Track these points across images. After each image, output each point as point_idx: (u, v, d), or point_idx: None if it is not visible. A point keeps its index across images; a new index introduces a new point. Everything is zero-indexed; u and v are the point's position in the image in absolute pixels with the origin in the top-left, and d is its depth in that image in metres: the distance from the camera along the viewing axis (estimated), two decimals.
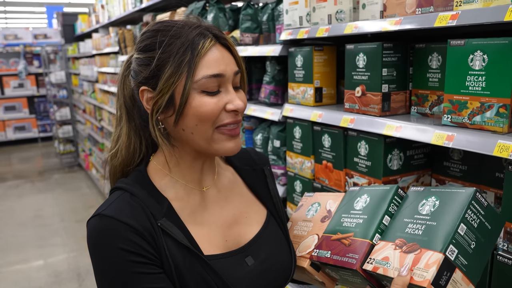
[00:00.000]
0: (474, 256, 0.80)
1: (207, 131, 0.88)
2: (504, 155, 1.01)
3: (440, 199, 0.85)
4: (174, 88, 0.85)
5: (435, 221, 0.82)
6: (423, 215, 0.86)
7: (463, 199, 0.82)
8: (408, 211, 0.90)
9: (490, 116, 1.10)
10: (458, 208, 0.81)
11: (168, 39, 0.86)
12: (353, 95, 1.49)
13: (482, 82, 1.11)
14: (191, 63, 0.85)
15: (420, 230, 0.83)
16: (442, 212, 0.83)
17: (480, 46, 1.10)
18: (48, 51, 8.05)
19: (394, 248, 0.85)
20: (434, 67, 1.36)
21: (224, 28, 2.33)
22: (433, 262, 0.76)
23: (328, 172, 1.65)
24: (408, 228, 0.86)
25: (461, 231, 0.79)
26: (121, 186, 0.91)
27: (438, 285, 0.75)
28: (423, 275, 0.76)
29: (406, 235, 0.85)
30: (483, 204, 0.82)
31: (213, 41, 0.88)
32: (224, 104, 0.88)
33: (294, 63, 1.76)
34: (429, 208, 0.86)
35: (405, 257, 0.81)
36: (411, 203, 0.91)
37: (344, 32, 1.45)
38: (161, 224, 0.86)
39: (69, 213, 5.38)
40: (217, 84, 0.88)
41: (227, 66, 0.89)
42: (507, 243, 1.07)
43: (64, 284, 3.70)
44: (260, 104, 2.07)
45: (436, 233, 0.80)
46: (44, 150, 9.21)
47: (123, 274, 0.82)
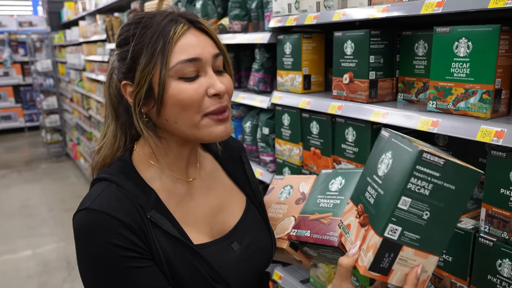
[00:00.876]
0: (429, 226, 0.69)
1: (192, 118, 0.86)
2: (486, 140, 1.03)
3: (393, 156, 0.72)
4: (151, 78, 0.84)
5: (383, 190, 0.71)
6: (378, 177, 0.75)
7: (407, 163, 0.67)
8: (371, 165, 0.79)
9: (474, 102, 1.12)
10: (399, 177, 0.68)
11: (139, 30, 0.85)
12: (341, 82, 1.50)
13: (466, 68, 1.13)
14: (164, 50, 0.83)
15: (373, 198, 0.74)
16: (391, 177, 0.71)
17: (464, 33, 1.12)
18: (34, 39, 7.91)
19: (355, 215, 0.80)
20: (420, 54, 1.38)
21: (213, 16, 2.32)
22: (371, 245, 0.70)
23: (316, 158, 1.67)
24: (367, 192, 0.77)
25: (404, 205, 0.68)
26: (106, 177, 0.89)
27: (379, 268, 0.70)
28: (363, 259, 0.72)
29: (364, 201, 0.77)
30: (437, 164, 0.66)
31: (186, 25, 0.86)
32: (205, 89, 0.86)
33: (283, 51, 1.77)
34: (384, 168, 0.74)
35: (360, 230, 0.76)
36: (375, 153, 0.80)
37: (332, 19, 1.46)
38: (150, 216, 0.85)
39: (57, 202, 5.35)
40: (194, 69, 0.85)
41: (203, 49, 0.86)
42: (489, 225, 1.10)
43: (53, 273, 3.69)
44: (249, 91, 2.08)
45: (381, 207, 0.70)
46: (31, 139, 9.10)
47: (115, 269, 0.81)
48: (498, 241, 1.07)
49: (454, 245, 1.17)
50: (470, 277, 1.15)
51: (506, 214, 1.05)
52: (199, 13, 2.33)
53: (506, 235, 1.06)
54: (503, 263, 1.06)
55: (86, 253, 0.82)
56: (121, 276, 0.81)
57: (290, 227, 1.07)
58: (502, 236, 1.07)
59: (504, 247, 1.06)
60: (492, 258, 1.08)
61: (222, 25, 2.25)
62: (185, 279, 0.87)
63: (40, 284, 3.53)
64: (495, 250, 1.07)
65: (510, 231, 1.05)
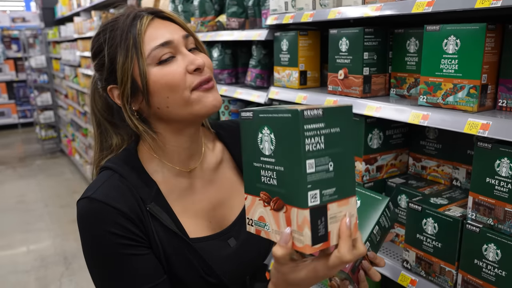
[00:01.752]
0: (337, 174, 0.69)
1: (181, 97, 0.88)
2: (473, 132, 1.10)
3: (273, 130, 0.69)
4: (132, 73, 0.88)
5: (282, 165, 0.69)
6: (267, 157, 0.71)
7: (293, 128, 0.65)
8: (250, 150, 0.74)
9: (462, 96, 1.19)
10: (293, 144, 0.66)
11: (108, 34, 0.90)
12: (336, 78, 1.56)
13: (455, 65, 1.19)
14: (136, 42, 0.87)
15: (274, 179, 0.71)
16: (282, 150, 0.68)
17: (453, 31, 1.18)
18: (27, 35, 7.87)
19: (263, 204, 0.74)
20: (412, 51, 1.44)
21: (210, 13, 2.37)
22: (302, 222, 0.66)
23: None
24: (263, 176, 0.73)
25: (310, 168, 0.65)
26: (111, 167, 0.93)
27: (319, 238, 0.67)
28: (300, 240, 0.68)
29: (265, 186, 0.73)
30: (318, 116, 0.66)
31: (149, 17, 0.91)
32: (185, 67, 0.89)
33: (279, 47, 1.82)
34: (269, 145, 0.70)
35: (278, 216, 0.71)
36: (247, 137, 0.74)
37: (328, 17, 1.52)
38: (150, 208, 0.90)
39: (53, 198, 5.36)
40: (169, 52, 0.89)
41: (172, 33, 0.91)
42: (475, 213, 1.17)
43: (51, 267, 3.73)
44: (246, 87, 2.13)
45: (291, 182, 0.67)
46: (25, 136, 9.07)
47: (112, 255, 0.86)
48: (484, 227, 1.14)
49: (443, 232, 1.24)
50: (458, 262, 1.22)
51: (492, 201, 1.12)
52: (197, 10, 2.38)
53: (492, 222, 1.13)
54: (488, 248, 1.13)
55: (88, 239, 0.88)
56: (119, 262, 0.86)
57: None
58: (488, 223, 1.14)
59: (489, 232, 1.13)
60: (478, 243, 1.15)
61: (219, 22, 2.30)
62: (179, 270, 0.92)
63: (38, 279, 3.57)
64: (481, 235, 1.14)
65: (495, 217, 1.12)
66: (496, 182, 1.10)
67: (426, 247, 1.29)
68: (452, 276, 1.23)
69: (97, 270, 0.89)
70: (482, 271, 1.15)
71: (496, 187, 1.10)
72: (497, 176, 1.09)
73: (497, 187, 1.10)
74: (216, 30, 2.31)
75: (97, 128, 1.03)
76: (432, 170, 1.54)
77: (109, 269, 0.87)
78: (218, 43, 2.32)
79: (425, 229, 1.29)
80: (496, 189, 1.10)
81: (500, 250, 1.10)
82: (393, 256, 1.46)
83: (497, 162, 1.09)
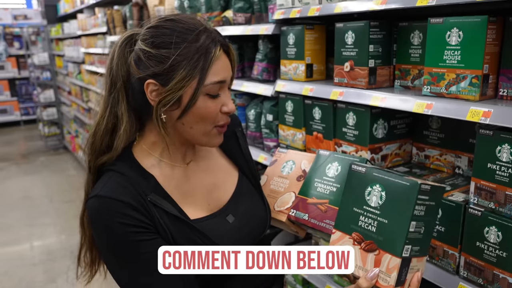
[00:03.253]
0: (424, 238, 0.87)
1: (206, 128, 1.00)
2: (475, 119, 1.15)
3: (386, 189, 0.86)
4: (185, 90, 0.93)
5: (386, 219, 0.85)
6: (372, 207, 0.88)
7: (410, 195, 0.82)
8: (354, 197, 0.91)
9: (464, 86, 1.24)
10: (405, 206, 0.83)
11: (186, 43, 0.93)
12: (342, 70, 1.61)
13: (457, 56, 1.24)
14: (203, 69, 0.94)
15: (373, 227, 0.86)
16: (392, 207, 0.85)
17: (456, 24, 1.23)
18: (29, 32, 7.90)
19: (352, 242, 0.90)
20: (415, 43, 1.49)
21: (217, 8, 2.41)
22: (393, 267, 0.83)
23: (318, 142, 1.79)
24: (361, 221, 0.89)
25: (412, 228, 0.83)
26: (111, 168, 0.99)
27: (400, 282, 0.85)
28: (386, 280, 0.84)
29: (360, 229, 0.89)
30: (427, 190, 0.83)
31: (221, 49, 0.97)
32: (221, 106, 1.00)
33: (286, 41, 1.87)
34: (377, 199, 0.87)
35: (366, 256, 0.87)
36: (354, 186, 0.92)
37: (334, 11, 1.57)
38: (151, 199, 0.96)
39: (57, 194, 5.41)
40: (218, 89, 0.98)
41: (228, 73, 1.00)
42: (477, 197, 1.22)
43: (57, 261, 3.78)
44: (253, 81, 2.18)
45: (390, 233, 0.84)
46: (28, 133, 9.11)
47: (125, 244, 0.93)
48: (486, 211, 1.19)
49: (447, 216, 1.29)
50: (461, 245, 1.27)
51: (493, 186, 1.17)
52: (203, 5, 2.42)
53: (493, 205, 1.18)
54: (490, 230, 1.18)
55: (101, 233, 0.96)
56: (132, 248, 0.93)
57: (290, 202, 1.18)
58: (489, 206, 1.19)
59: (491, 215, 1.18)
60: (480, 226, 1.20)
61: (225, 17, 2.34)
62: None
63: (46, 272, 3.62)
64: (483, 219, 1.20)
65: (496, 201, 1.17)
66: (497, 167, 1.15)
67: None
68: (455, 258, 1.29)
69: (114, 260, 0.97)
70: (484, 253, 1.20)
71: (497, 172, 1.15)
72: (498, 161, 1.15)
73: (498, 172, 1.15)
74: (223, 25, 2.35)
75: (108, 91, 1.00)
76: (435, 159, 1.59)
77: (124, 256, 0.94)
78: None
79: None
80: (497, 174, 1.16)
81: (501, 232, 1.16)
82: None
83: (498, 148, 1.14)
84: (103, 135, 1.01)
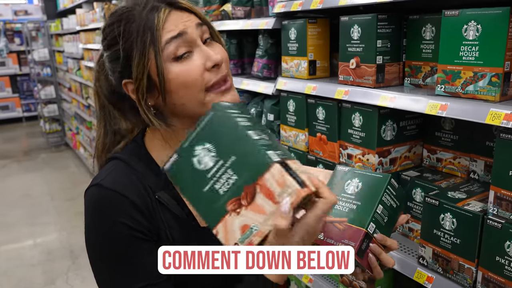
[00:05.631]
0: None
1: (197, 95, 0.87)
2: (496, 123, 1.04)
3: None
4: (148, 70, 0.85)
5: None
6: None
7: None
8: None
9: (483, 85, 1.13)
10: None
11: (123, 27, 0.85)
12: (347, 67, 1.50)
13: (475, 52, 1.13)
14: (154, 40, 0.83)
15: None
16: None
17: (474, 16, 1.12)
18: (30, 28, 7.82)
19: (236, 213, 0.80)
20: (427, 38, 1.38)
21: (215, 2, 2.30)
22: (280, 176, 0.75)
23: (322, 144, 1.68)
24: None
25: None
26: (117, 156, 0.92)
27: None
28: (290, 192, 0.80)
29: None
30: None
31: (167, 9, 0.86)
32: (202, 64, 0.86)
33: (287, 36, 1.76)
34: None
35: (256, 205, 0.76)
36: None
37: (338, 4, 1.45)
38: (158, 196, 0.88)
39: (58, 191, 5.36)
40: (184, 46, 0.85)
41: (186, 23, 0.86)
42: (497, 208, 1.11)
43: (57, 261, 3.72)
44: (253, 78, 2.07)
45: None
46: (29, 129, 9.07)
47: (121, 249, 0.84)
48: (507, 223, 1.09)
49: (462, 227, 1.18)
50: (478, 259, 1.17)
51: None
52: None
53: None
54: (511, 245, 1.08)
55: (95, 229, 0.86)
56: (127, 256, 0.84)
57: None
58: (511, 218, 1.09)
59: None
60: (500, 239, 1.10)
61: (224, 11, 2.23)
62: None
63: (45, 273, 3.56)
64: (503, 232, 1.09)
65: None
66: None
67: (444, 243, 1.24)
68: (471, 273, 1.18)
69: (98, 260, 0.88)
70: (504, 268, 1.10)
71: None
72: None
73: None
74: (221, 19, 2.25)
75: (100, 110, 0.99)
76: (448, 163, 1.48)
77: (115, 262, 0.85)
78: (223, 32, 2.26)
79: (442, 224, 1.23)
80: None
81: None
82: (408, 252, 1.41)
83: None
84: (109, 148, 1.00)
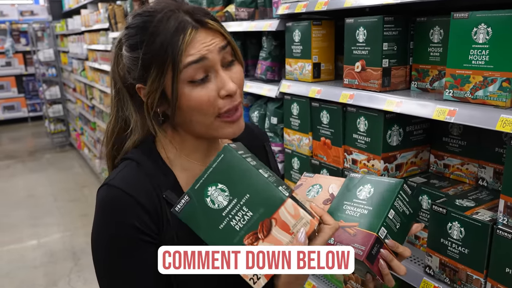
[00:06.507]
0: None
1: (206, 120, 0.87)
2: (507, 130, 1.00)
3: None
4: (164, 86, 0.84)
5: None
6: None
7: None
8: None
9: (493, 90, 1.09)
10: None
11: (147, 37, 0.83)
12: (352, 71, 1.47)
13: (485, 56, 1.09)
14: (174, 61, 0.81)
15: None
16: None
17: (484, 19, 1.08)
18: (35, 28, 7.84)
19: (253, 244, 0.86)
20: (435, 41, 1.34)
21: (218, 3, 2.28)
22: (294, 209, 0.82)
23: (326, 149, 1.64)
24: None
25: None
26: (129, 157, 0.92)
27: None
28: (304, 222, 0.83)
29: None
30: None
31: (193, 30, 0.82)
32: (217, 92, 0.85)
33: (291, 38, 1.73)
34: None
35: (272, 236, 0.83)
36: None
37: (344, 5, 1.42)
38: (166, 196, 0.88)
39: (62, 192, 5.35)
40: (203, 70, 0.83)
41: (209, 47, 0.83)
42: (508, 217, 1.07)
43: (59, 263, 3.71)
44: (256, 80, 2.04)
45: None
46: (35, 129, 9.10)
47: (127, 250, 0.84)
48: None
49: (471, 237, 1.14)
50: (487, 270, 1.13)
51: None
52: (204, 0, 2.28)
53: None
54: None
55: (103, 228, 0.86)
56: (132, 258, 0.85)
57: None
58: None
59: None
60: (510, 251, 1.06)
61: (228, 12, 2.20)
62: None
63: (47, 275, 3.55)
64: None
65: None
66: None
67: (452, 252, 1.20)
68: (480, 284, 1.14)
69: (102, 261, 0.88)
70: None
71: None
72: None
73: None
74: (225, 21, 2.22)
75: (115, 95, 0.97)
76: (455, 169, 1.44)
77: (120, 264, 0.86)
78: None
79: (450, 233, 1.19)
80: None
81: None
82: (414, 261, 1.37)
83: None
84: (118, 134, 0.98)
